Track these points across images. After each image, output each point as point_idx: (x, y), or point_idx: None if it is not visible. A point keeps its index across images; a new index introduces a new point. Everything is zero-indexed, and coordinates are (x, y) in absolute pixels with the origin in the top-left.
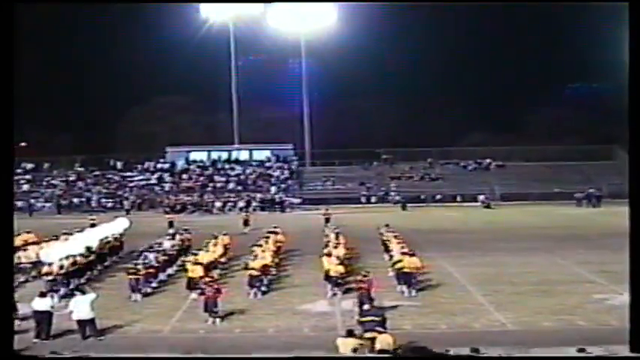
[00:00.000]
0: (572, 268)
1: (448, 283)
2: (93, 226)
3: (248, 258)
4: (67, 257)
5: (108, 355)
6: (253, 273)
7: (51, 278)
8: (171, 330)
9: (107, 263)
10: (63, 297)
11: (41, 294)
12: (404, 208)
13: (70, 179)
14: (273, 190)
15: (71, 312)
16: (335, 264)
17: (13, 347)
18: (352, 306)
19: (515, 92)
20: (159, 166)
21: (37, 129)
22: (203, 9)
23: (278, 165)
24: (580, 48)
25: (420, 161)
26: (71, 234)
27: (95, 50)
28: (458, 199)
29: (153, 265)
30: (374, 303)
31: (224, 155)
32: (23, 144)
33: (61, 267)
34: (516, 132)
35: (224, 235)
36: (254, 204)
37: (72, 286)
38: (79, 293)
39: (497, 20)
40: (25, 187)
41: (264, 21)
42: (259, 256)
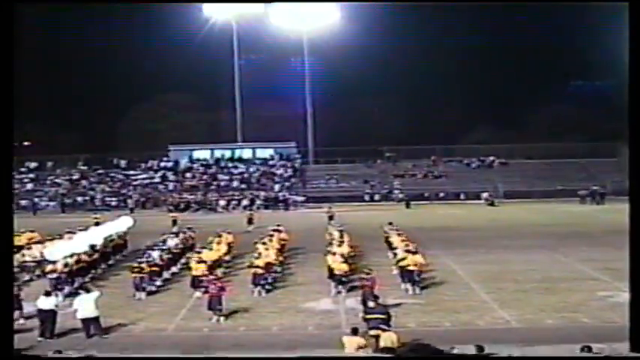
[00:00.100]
0: (575, 266)
1: (452, 281)
2: (97, 225)
3: (252, 256)
4: (71, 256)
5: (110, 355)
6: (257, 271)
7: (55, 277)
8: (175, 328)
9: (111, 262)
10: (67, 295)
11: (46, 293)
12: (407, 206)
13: (74, 178)
14: (276, 189)
15: (75, 310)
16: (339, 262)
17: (14, 347)
18: (356, 304)
19: (518, 90)
20: (162, 165)
21: (41, 128)
22: (206, 7)
23: (281, 163)
24: (582, 45)
25: (424, 159)
26: (75, 232)
27: (98, 49)
28: (461, 197)
29: (157, 264)
30: (378, 301)
31: (227, 153)
32: (27, 143)
33: (66, 265)
34: (519, 129)
35: (228, 234)
36: (258, 202)
37: (76, 285)
38: (84, 292)
39: (499, 18)
40: (29, 186)
41: (266, 19)
42: (263, 255)
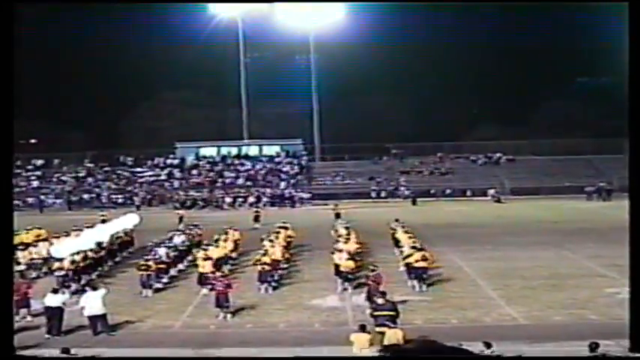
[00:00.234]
0: (582, 262)
1: (458, 278)
2: (103, 222)
3: (258, 253)
4: (78, 253)
5: (111, 355)
6: (264, 268)
7: (62, 274)
8: (182, 325)
9: (118, 259)
10: (74, 293)
11: (53, 290)
12: (414, 203)
13: (80, 175)
14: (282, 186)
15: (82, 308)
16: (345, 259)
17: (14, 347)
18: (363, 301)
19: (524, 86)
20: (168, 162)
21: (47, 125)
22: (211, 5)
23: (287, 160)
24: (589, 42)
25: (430, 156)
26: (81, 230)
27: (105, 47)
28: (468, 194)
29: (163, 261)
30: (386, 297)
31: (234, 151)
32: (33, 140)
33: (72, 262)
34: (526, 126)
35: (234, 231)
36: (264, 199)
37: (83, 282)
38: (90, 289)
39: (506, 14)
40: (36, 184)
41: (272, 17)
42: (269, 252)
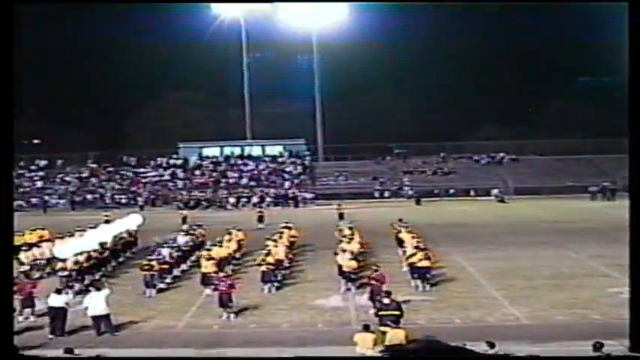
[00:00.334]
0: (585, 262)
1: (462, 278)
2: (107, 223)
3: (261, 253)
4: (81, 253)
5: (114, 355)
6: (267, 268)
7: (65, 274)
8: (185, 326)
9: (121, 259)
10: (77, 293)
11: (57, 290)
12: (417, 203)
13: (84, 175)
14: (286, 186)
15: (86, 308)
16: (347, 259)
17: (14, 347)
18: (366, 301)
19: (527, 86)
20: (172, 162)
21: (50, 126)
22: (214, 5)
23: (291, 160)
24: (590, 41)
25: (433, 155)
26: (85, 230)
27: (108, 47)
28: (471, 194)
29: (167, 261)
30: (391, 297)
31: (237, 151)
32: (37, 141)
33: (76, 263)
34: (529, 126)
35: (238, 231)
36: (267, 199)
37: (86, 282)
38: (94, 289)
39: (507, 14)
40: (39, 184)
41: (275, 17)
42: (272, 252)
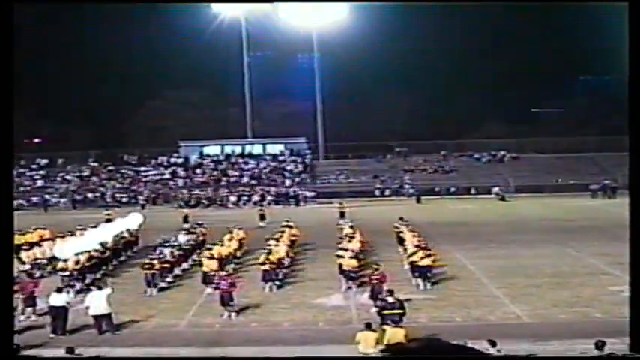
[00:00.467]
0: (587, 260)
1: (463, 276)
2: (109, 222)
3: (262, 252)
4: (82, 252)
5: (116, 354)
6: (268, 267)
7: (67, 274)
8: (186, 324)
9: (122, 258)
10: (78, 292)
11: (57, 289)
12: (418, 201)
13: (85, 174)
14: (287, 184)
15: (87, 307)
16: (348, 257)
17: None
18: (368, 299)
19: (528, 84)
20: (172, 161)
21: (51, 125)
22: (214, 4)
23: (291, 159)
24: (591, 39)
25: (434, 154)
26: (86, 229)
27: (108, 46)
28: (472, 192)
29: (168, 260)
30: (395, 295)
31: (237, 149)
32: (37, 140)
33: (77, 262)
34: (530, 124)
35: (239, 230)
36: (268, 198)
37: (87, 281)
38: (95, 289)
39: (509, 13)
40: (40, 183)
41: (275, 16)
42: (274, 250)
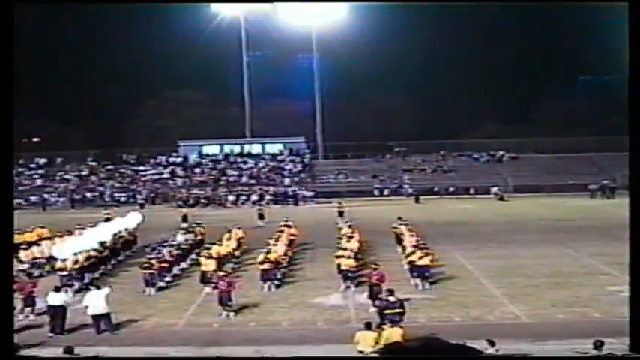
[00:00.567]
0: (585, 260)
1: (462, 276)
2: (108, 221)
3: (261, 251)
4: (81, 252)
5: (114, 354)
6: (267, 266)
7: (65, 273)
8: (185, 324)
9: (121, 257)
10: (77, 291)
11: (56, 288)
12: (417, 201)
13: (83, 174)
14: (286, 184)
15: (86, 307)
16: (346, 257)
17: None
18: (366, 299)
19: (526, 84)
20: (171, 160)
21: (50, 124)
22: (214, 4)
23: (290, 158)
24: (591, 39)
25: (433, 154)
26: (85, 229)
27: (107, 45)
28: (471, 192)
29: (166, 259)
30: (395, 295)
31: (236, 149)
32: (36, 139)
33: (76, 262)
34: (529, 124)
35: (237, 229)
36: (267, 197)
37: (86, 281)
38: (94, 288)
39: (508, 13)
40: (39, 182)
41: (274, 15)
42: (272, 250)
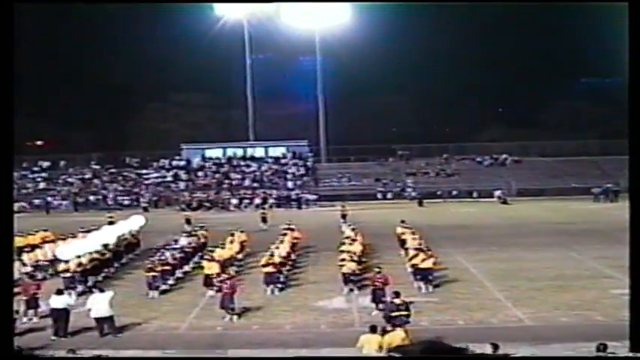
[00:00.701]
0: (589, 263)
1: (465, 279)
2: (111, 224)
3: (264, 255)
4: (84, 255)
5: (114, 355)
6: (270, 269)
7: (68, 276)
8: (188, 327)
9: (124, 260)
10: (80, 294)
11: (58, 291)
12: (420, 204)
13: (87, 177)
14: (289, 187)
15: (89, 310)
16: (348, 260)
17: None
18: (369, 302)
19: (530, 87)
20: (175, 164)
21: (53, 127)
22: (217, 6)
23: (293, 161)
24: (593, 42)
25: (436, 157)
26: (88, 232)
27: (111, 48)
28: (474, 195)
29: (169, 263)
30: (401, 297)
31: (239, 152)
32: (39, 142)
33: (79, 265)
34: (532, 127)
35: (241, 232)
36: (270, 201)
37: (89, 284)
38: (97, 291)
39: (511, 16)
40: (42, 185)
41: (278, 18)
42: (275, 253)
